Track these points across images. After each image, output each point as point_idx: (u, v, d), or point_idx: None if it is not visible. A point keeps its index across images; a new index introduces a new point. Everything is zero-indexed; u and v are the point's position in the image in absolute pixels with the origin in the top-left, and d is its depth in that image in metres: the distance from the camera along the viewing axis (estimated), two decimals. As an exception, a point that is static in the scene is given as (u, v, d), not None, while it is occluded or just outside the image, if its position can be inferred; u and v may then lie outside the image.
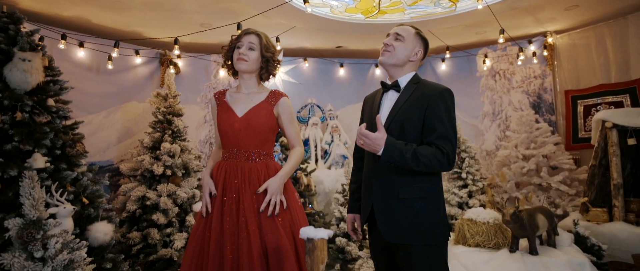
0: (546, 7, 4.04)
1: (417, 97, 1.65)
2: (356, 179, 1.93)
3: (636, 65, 4.21)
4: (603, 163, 3.55)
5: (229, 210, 1.75)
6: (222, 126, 1.86)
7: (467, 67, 5.44)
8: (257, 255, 1.66)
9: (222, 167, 1.84)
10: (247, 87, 1.91)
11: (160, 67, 4.56)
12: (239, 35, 1.90)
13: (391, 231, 1.63)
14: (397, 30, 1.75)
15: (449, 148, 1.56)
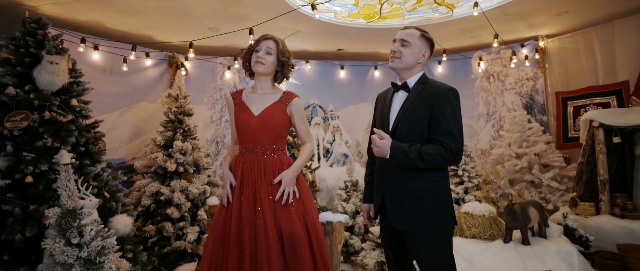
0: (538, 13, 4.26)
1: (424, 97, 1.81)
2: (370, 171, 2.10)
3: (622, 68, 4.46)
4: (591, 160, 3.78)
5: (247, 200, 1.92)
6: (239, 123, 2.03)
7: (463, 70, 5.66)
8: (273, 240, 1.83)
9: (240, 161, 2.01)
10: (262, 88, 2.08)
11: (169, 68, 4.73)
12: (258, 40, 2.07)
13: (400, 220, 1.81)
14: (402, 36, 1.88)
15: (453, 144, 1.72)
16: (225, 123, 5.02)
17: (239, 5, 3.61)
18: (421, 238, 1.77)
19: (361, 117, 5.66)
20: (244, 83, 5.19)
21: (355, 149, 5.51)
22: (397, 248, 1.98)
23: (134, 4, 3.53)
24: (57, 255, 2.04)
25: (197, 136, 3.98)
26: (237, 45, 4.78)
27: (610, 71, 4.57)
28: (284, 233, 1.87)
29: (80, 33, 3.96)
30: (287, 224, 1.89)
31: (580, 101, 4.83)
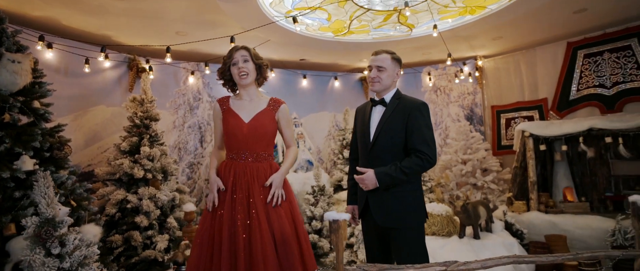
0: (479, 36, 4.88)
1: (400, 110, 2.08)
2: (352, 177, 2.29)
3: (542, 87, 5.27)
4: (522, 165, 4.42)
5: (241, 204, 1.98)
6: (231, 130, 2.07)
7: (414, 83, 6.20)
8: (267, 240, 1.93)
9: (231, 166, 2.06)
10: (248, 95, 2.15)
11: (129, 71, 4.53)
12: (230, 54, 2.11)
13: (383, 217, 2.05)
14: (377, 63, 2.11)
15: (427, 151, 1.99)
16: (188, 129, 4.92)
17: (215, 12, 3.64)
18: (401, 232, 2.03)
19: (322, 125, 5.90)
20: (208, 89, 5.14)
21: (317, 156, 5.72)
22: (382, 243, 2.21)
23: (102, 4, 3.39)
24: (37, 266, 1.93)
25: (164, 141, 3.87)
26: (200, 50, 4.74)
27: (534, 89, 5.38)
28: (276, 234, 1.98)
29: (31, 29, 3.66)
30: (279, 225, 2.00)
31: (510, 113, 5.59)
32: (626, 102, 4.49)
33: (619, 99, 4.54)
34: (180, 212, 3.69)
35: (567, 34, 4.88)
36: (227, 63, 2.11)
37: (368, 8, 3.66)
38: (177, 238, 3.55)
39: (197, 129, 4.96)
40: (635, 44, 4.49)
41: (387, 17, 3.88)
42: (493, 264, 1.86)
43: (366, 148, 2.15)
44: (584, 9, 4.03)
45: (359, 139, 2.26)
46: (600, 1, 3.85)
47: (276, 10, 3.62)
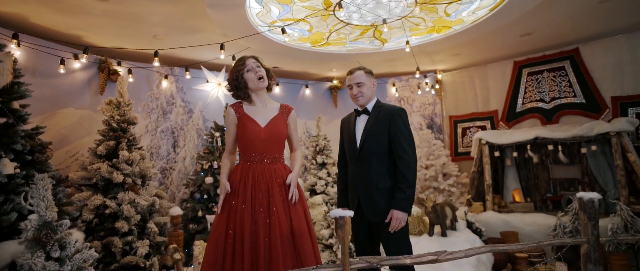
0: (440, 52, 5.36)
1: (382, 117, 2.31)
2: (342, 181, 2.50)
3: (493, 99, 5.88)
4: (480, 170, 4.92)
5: (261, 205, 2.09)
6: (249, 135, 2.16)
7: (379, 93, 6.58)
8: (286, 235, 2.07)
9: (248, 169, 2.15)
10: (261, 101, 2.25)
11: (100, 74, 4.37)
12: (242, 62, 2.21)
13: (373, 213, 2.27)
14: (356, 81, 2.34)
15: (409, 151, 2.23)
16: (161, 134, 4.82)
17: (199, 18, 3.68)
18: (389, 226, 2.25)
19: (293, 131, 6.05)
20: (181, 93, 5.08)
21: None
22: (370, 238, 2.42)
23: (81, 4, 3.29)
24: (38, 270, 1.89)
25: (143, 145, 3.80)
26: (174, 54, 4.70)
27: (486, 101, 5.99)
28: (294, 229, 2.12)
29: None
30: (296, 222, 2.14)
31: (466, 123, 6.16)
32: (562, 115, 5.18)
33: (556, 112, 5.23)
34: (159, 217, 3.64)
35: (515, 54, 5.53)
36: (240, 71, 2.18)
37: (348, 22, 3.91)
38: (158, 243, 3.50)
39: (170, 134, 4.88)
40: (568, 66, 5.22)
41: (364, 31, 4.17)
42: (474, 253, 2.15)
43: (354, 153, 2.36)
44: (529, 33, 4.63)
45: (347, 146, 2.46)
46: (542, 27, 4.46)
47: (261, 20, 3.75)
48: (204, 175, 3.96)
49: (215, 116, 5.06)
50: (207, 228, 3.63)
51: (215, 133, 4.16)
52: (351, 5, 3.48)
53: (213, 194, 3.89)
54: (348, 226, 1.95)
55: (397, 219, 2.17)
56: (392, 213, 2.18)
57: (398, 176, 2.22)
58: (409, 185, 2.19)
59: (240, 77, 2.18)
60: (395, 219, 2.17)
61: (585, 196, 2.32)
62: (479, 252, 2.16)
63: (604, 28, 4.61)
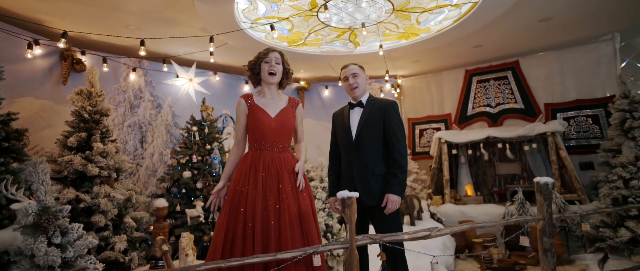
0: (402, 59, 5.79)
1: (376, 109, 2.52)
2: (333, 172, 2.65)
3: (447, 104, 6.47)
4: (439, 167, 5.39)
5: (271, 189, 2.19)
6: (260, 124, 2.24)
7: (344, 95, 6.85)
8: (294, 219, 2.19)
9: (259, 157, 2.23)
10: (271, 93, 2.34)
11: (62, 62, 4.08)
12: (266, 52, 2.32)
13: (369, 197, 2.47)
14: (352, 72, 2.53)
15: (401, 140, 2.45)
16: (128, 128, 4.60)
17: (180, 10, 3.63)
18: (383, 209, 2.44)
19: (262, 129, 6.09)
20: (150, 88, 4.90)
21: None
22: (363, 221, 2.62)
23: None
24: (40, 256, 1.82)
25: (116, 138, 3.63)
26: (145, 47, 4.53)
27: (441, 105, 6.56)
28: (301, 213, 2.25)
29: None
30: (304, 206, 2.27)
31: (423, 125, 6.68)
32: (505, 118, 5.87)
33: (501, 116, 5.92)
34: (135, 212, 3.51)
35: (466, 63, 6.15)
36: (261, 59, 2.28)
37: (327, 24, 4.12)
38: (135, 238, 3.37)
39: (138, 129, 4.67)
40: (510, 75, 5.94)
41: (341, 33, 4.41)
42: (457, 229, 2.46)
43: (350, 143, 2.53)
44: (480, 45, 5.22)
45: (341, 138, 2.63)
46: (490, 41, 5.06)
47: (246, 16, 3.81)
48: (182, 170, 3.88)
49: (185, 111, 4.95)
50: (187, 221, 3.57)
51: (193, 127, 4.09)
52: (335, 8, 3.69)
53: (193, 188, 3.83)
54: (354, 206, 2.13)
55: (392, 203, 2.37)
56: (388, 197, 2.38)
57: (392, 163, 2.43)
58: (402, 171, 2.42)
59: (258, 64, 2.29)
60: (391, 203, 2.37)
61: (541, 180, 2.74)
62: (461, 228, 2.46)
63: (540, 44, 5.36)
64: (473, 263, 4.31)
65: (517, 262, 4.06)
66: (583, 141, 5.32)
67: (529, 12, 4.10)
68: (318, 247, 2.16)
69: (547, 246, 2.71)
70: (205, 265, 1.84)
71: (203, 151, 3.98)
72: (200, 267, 1.83)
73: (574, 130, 5.37)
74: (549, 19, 4.34)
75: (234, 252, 2.10)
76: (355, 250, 2.12)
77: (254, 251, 2.07)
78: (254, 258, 1.95)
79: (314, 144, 6.57)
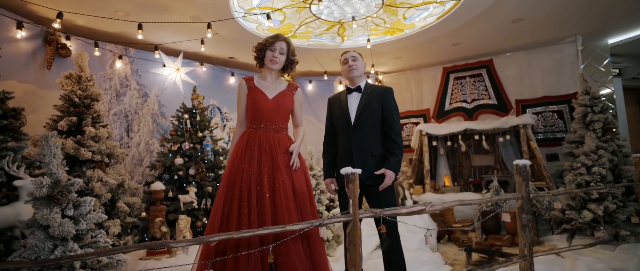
0: (384, 55, 6.02)
1: (374, 94, 2.67)
2: (328, 154, 2.77)
3: (426, 99, 6.78)
4: (420, 158, 5.65)
5: (265, 165, 2.28)
6: (257, 104, 2.35)
7: (328, 89, 7.04)
8: (289, 194, 2.28)
9: (255, 135, 2.33)
10: (271, 78, 2.46)
11: (46, 46, 3.96)
12: (273, 39, 2.41)
13: (368, 177, 2.63)
14: (352, 55, 2.70)
15: (398, 123, 2.62)
16: (114, 117, 4.52)
17: (178, -4, 3.64)
18: (382, 188, 2.60)
19: (247, 122, 6.12)
20: (136, 76, 4.82)
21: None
22: (360, 199, 2.77)
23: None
24: (55, 227, 1.85)
25: (108, 123, 3.59)
26: (130, 35, 4.48)
27: (420, 101, 6.86)
28: (296, 191, 2.35)
29: None
30: (298, 184, 2.37)
31: (403, 120, 6.95)
32: (480, 113, 6.24)
33: (476, 111, 6.28)
34: (128, 197, 3.48)
35: (444, 61, 6.48)
36: (267, 44, 2.37)
37: (318, 17, 4.26)
38: (128, 223, 3.36)
39: (124, 117, 4.60)
40: (485, 73, 6.32)
41: (331, 27, 4.55)
42: (449, 205, 2.67)
43: (348, 126, 2.66)
44: (458, 43, 5.53)
45: (338, 121, 2.75)
46: (468, 39, 5.38)
47: (240, 5, 3.87)
48: (173, 157, 3.88)
49: (172, 101, 4.93)
50: (181, 207, 3.58)
51: (184, 115, 4.10)
52: (327, 1, 3.83)
53: (185, 175, 3.84)
54: (357, 181, 2.27)
55: (389, 177, 2.53)
56: (386, 172, 2.54)
57: (391, 144, 2.60)
58: (400, 151, 2.59)
59: (264, 49, 2.38)
60: (389, 177, 2.53)
61: (520, 162, 3.00)
62: (453, 204, 2.68)
63: (512, 44, 5.75)
64: (453, 247, 4.58)
65: (493, 244, 4.36)
66: (549, 134, 5.76)
67: (504, 13, 4.42)
68: (324, 220, 2.28)
69: (525, 222, 2.97)
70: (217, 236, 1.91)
71: (195, 138, 3.99)
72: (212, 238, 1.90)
73: (541, 124, 5.81)
74: (521, 20, 4.69)
75: (230, 226, 2.15)
76: (358, 222, 2.26)
77: (250, 225, 2.13)
78: (264, 230, 2.04)
79: (298, 137, 6.68)
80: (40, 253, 1.83)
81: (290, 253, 2.17)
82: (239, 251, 2.06)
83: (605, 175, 3.96)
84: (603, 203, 3.83)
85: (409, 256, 2.96)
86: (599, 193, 3.91)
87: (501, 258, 3.76)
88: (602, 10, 4.50)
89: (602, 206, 3.80)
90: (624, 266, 3.02)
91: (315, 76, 6.85)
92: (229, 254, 2.06)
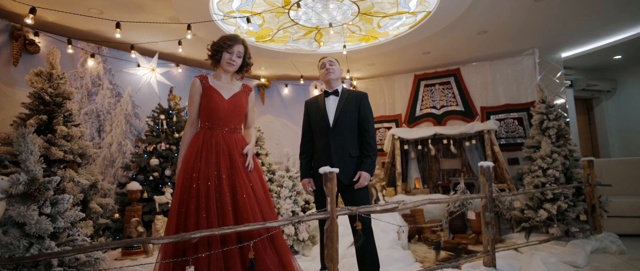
0: (359, 61, 6.22)
1: (351, 98, 2.80)
2: (305, 156, 2.86)
3: (398, 105, 7.04)
4: (392, 161, 5.86)
5: (224, 166, 2.25)
6: (214, 105, 2.29)
7: (303, 94, 7.15)
8: (251, 195, 2.26)
9: (211, 136, 2.27)
10: (226, 79, 2.40)
11: (13, 42, 3.82)
12: (231, 42, 2.35)
13: (345, 176, 2.75)
14: (330, 60, 2.85)
15: (373, 126, 2.77)
16: (85, 116, 4.39)
17: (155, -4, 3.63)
18: (358, 188, 2.72)
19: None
20: (109, 75, 4.72)
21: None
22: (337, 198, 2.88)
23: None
24: (32, 224, 1.84)
25: (80, 123, 3.52)
26: (103, 33, 4.40)
27: (392, 106, 7.11)
28: (255, 191, 2.32)
29: None
30: (256, 184, 2.36)
31: (377, 124, 7.17)
32: (448, 119, 6.56)
33: (444, 117, 6.60)
34: (100, 198, 3.42)
35: (415, 68, 6.77)
36: (224, 46, 2.32)
37: (296, 22, 4.37)
38: (100, 224, 3.29)
39: (95, 117, 4.48)
40: (453, 81, 6.66)
41: (308, 32, 4.67)
42: (420, 204, 2.84)
43: (327, 128, 2.77)
44: (428, 52, 5.82)
45: (316, 123, 2.86)
46: (437, 48, 5.68)
47: (220, 8, 3.91)
48: (148, 157, 3.84)
49: (146, 102, 4.86)
50: (156, 208, 3.55)
51: (160, 116, 4.06)
52: (305, 7, 3.95)
53: (161, 176, 3.80)
54: (335, 180, 2.39)
55: (364, 178, 2.66)
56: (361, 174, 2.66)
57: (365, 146, 2.73)
58: (374, 153, 2.73)
59: (220, 51, 2.32)
60: (364, 178, 2.66)
61: (484, 164, 3.24)
62: (423, 203, 2.85)
63: (477, 55, 6.12)
64: (423, 246, 4.79)
65: (460, 242, 4.61)
66: (510, 140, 6.16)
67: (470, 25, 4.72)
68: (302, 217, 2.38)
69: (489, 220, 3.20)
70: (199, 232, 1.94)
71: (171, 139, 3.97)
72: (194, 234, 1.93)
73: (504, 130, 6.19)
74: (486, 32, 5.02)
75: (187, 227, 2.09)
76: (335, 219, 2.37)
77: (209, 226, 2.08)
78: (245, 227, 2.09)
79: (273, 140, 6.73)
80: (15, 252, 1.80)
81: (261, 251, 2.16)
82: (198, 251, 2.00)
83: (558, 177, 4.30)
84: (556, 202, 4.16)
85: (381, 254, 3.10)
86: (553, 194, 4.24)
87: (467, 254, 3.99)
88: (557, 26, 4.91)
89: (556, 206, 4.12)
90: (574, 260, 3.31)
91: (292, 80, 6.95)
92: (188, 255, 1.99)
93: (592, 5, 4.30)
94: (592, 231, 4.08)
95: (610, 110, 7.45)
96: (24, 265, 1.81)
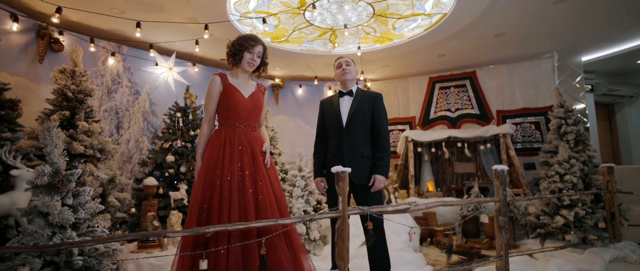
0: (373, 63, 6.22)
1: (365, 98, 2.81)
2: (318, 155, 2.89)
3: (412, 107, 7.00)
4: (405, 163, 5.83)
5: (247, 163, 2.29)
6: (235, 103, 2.33)
7: (317, 94, 7.18)
8: (271, 194, 2.32)
9: (233, 133, 2.31)
10: (244, 77, 2.45)
11: (39, 40, 3.97)
12: (253, 42, 2.37)
13: (358, 177, 2.75)
14: (346, 60, 2.87)
15: (386, 128, 2.77)
16: (104, 113, 4.53)
17: (174, -4, 3.72)
18: (369, 188, 2.69)
19: (237, 123, 6.19)
20: (128, 74, 4.85)
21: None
22: (349, 198, 2.89)
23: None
24: (55, 214, 1.90)
25: (100, 118, 3.62)
26: (124, 32, 4.52)
27: (406, 108, 7.07)
28: (274, 189, 2.38)
29: None
30: (275, 182, 2.42)
31: (390, 126, 7.14)
32: (463, 122, 6.49)
33: (459, 120, 6.53)
34: (118, 193, 3.51)
35: (430, 71, 6.72)
36: (245, 46, 2.36)
37: (311, 23, 4.40)
38: (117, 219, 3.38)
39: (114, 114, 4.61)
40: (468, 84, 6.58)
41: (323, 33, 4.70)
42: (432, 206, 2.82)
43: (340, 128, 2.78)
44: (444, 54, 5.77)
45: (330, 123, 2.87)
46: (453, 51, 5.63)
47: (237, 9, 3.98)
48: (164, 154, 3.93)
49: (163, 100, 4.97)
50: (171, 204, 3.63)
51: (177, 114, 4.15)
52: (320, 8, 3.98)
53: (177, 172, 3.88)
54: (347, 180, 2.40)
55: (379, 182, 2.65)
56: (376, 177, 2.64)
57: (379, 148, 2.72)
58: (388, 155, 2.72)
59: (241, 50, 2.35)
60: (378, 182, 2.65)
61: (498, 167, 3.19)
62: (436, 205, 2.83)
63: (494, 57, 6.03)
64: (435, 249, 4.75)
65: (473, 246, 4.55)
66: (527, 144, 6.04)
67: (487, 27, 4.67)
68: (314, 215, 2.40)
69: (502, 224, 3.16)
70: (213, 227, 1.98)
71: (187, 136, 4.05)
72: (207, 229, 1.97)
73: (520, 134, 6.09)
74: (503, 34, 4.95)
75: (209, 222, 2.11)
76: (347, 218, 2.39)
77: (230, 220, 2.10)
78: (258, 223, 2.12)
79: (286, 139, 6.79)
80: (39, 240, 1.88)
81: (276, 248, 2.19)
82: (218, 245, 2.03)
83: (576, 183, 4.20)
84: (574, 209, 4.06)
85: (392, 255, 3.09)
86: (570, 200, 4.14)
87: (479, 259, 3.94)
88: (577, 29, 4.81)
89: (573, 212, 4.03)
90: (591, 268, 3.23)
91: (306, 81, 6.99)
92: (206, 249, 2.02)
93: (614, 7, 4.19)
94: (611, 240, 3.97)
95: (633, 116, 7.23)
96: (47, 253, 1.88)
